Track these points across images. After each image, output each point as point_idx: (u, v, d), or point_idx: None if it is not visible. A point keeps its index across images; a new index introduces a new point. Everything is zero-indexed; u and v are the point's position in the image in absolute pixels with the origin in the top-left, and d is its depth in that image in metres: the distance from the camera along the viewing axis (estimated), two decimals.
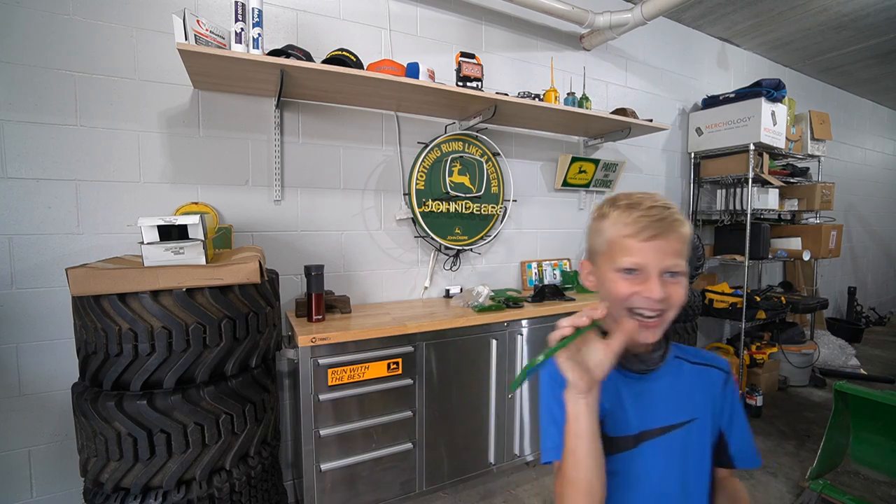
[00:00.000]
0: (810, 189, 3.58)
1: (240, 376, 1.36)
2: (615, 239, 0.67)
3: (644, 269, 0.65)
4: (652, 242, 0.64)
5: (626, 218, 0.66)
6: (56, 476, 1.64)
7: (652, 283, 0.64)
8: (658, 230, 0.64)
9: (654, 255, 0.64)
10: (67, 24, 1.57)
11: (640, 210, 0.66)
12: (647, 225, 0.64)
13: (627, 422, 0.71)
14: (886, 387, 3.28)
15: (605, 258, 0.69)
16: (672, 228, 0.64)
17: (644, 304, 0.65)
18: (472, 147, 2.35)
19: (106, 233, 1.67)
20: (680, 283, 0.66)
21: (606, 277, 0.69)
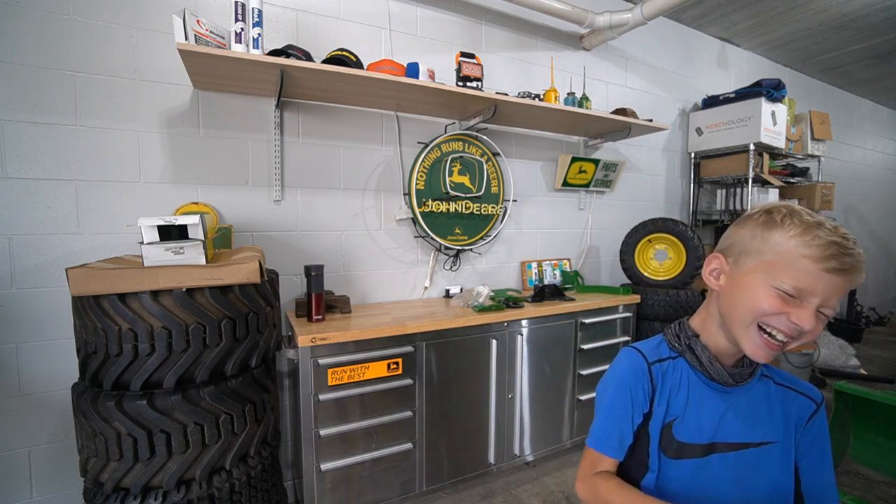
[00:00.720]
0: (810, 189, 3.58)
1: (240, 376, 1.36)
2: (789, 253, 0.60)
3: (807, 297, 0.59)
4: (832, 275, 0.58)
5: (813, 238, 0.58)
6: (56, 476, 1.64)
7: (807, 312, 0.58)
8: (845, 266, 0.57)
9: (826, 288, 0.58)
10: (67, 24, 1.57)
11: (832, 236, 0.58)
12: (837, 254, 0.57)
13: (701, 430, 0.69)
14: (886, 387, 3.28)
15: (762, 266, 0.62)
16: (857, 269, 0.58)
17: (786, 327, 0.60)
18: (472, 147, 2.35)
19: (106, 233, 1.67)
20: (826, 319, 0.61)
21: (752, 285, 0.63)
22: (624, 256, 2.71)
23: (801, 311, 0.59)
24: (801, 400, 0.72)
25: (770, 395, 0.71)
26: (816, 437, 0.71)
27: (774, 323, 0.61)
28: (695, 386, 0.71)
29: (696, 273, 2.50)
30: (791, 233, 0.61)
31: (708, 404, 0.70)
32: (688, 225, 2.64)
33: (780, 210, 0.64)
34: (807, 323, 0.58)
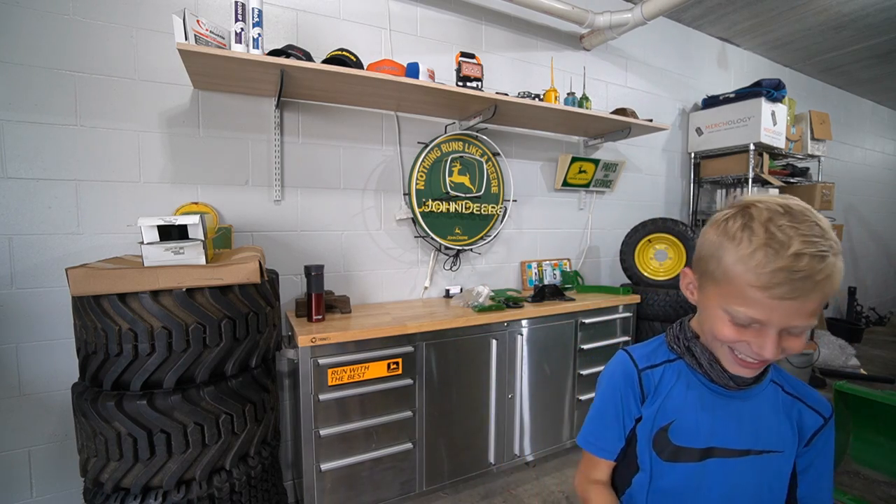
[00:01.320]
0: (810, 189, 3.58)
1: (240, 376, 1.36)
2: (737, 280, 0.54)
3: (766, 325, 0.53)
4: (785, 302, 0.51)
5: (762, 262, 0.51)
6: (56, 476, 1.64)
7: (767, 340, 0.53)
8: (799, 292, 0.50)
9: (780, 316, 0.52)
10: (67, 24, 1.57)
11: (784, 259, 0.50)
12: (785, 282, 0.50)
13: (698, 433, 0.66)
14: (886, 387, 3.28)
15: (717, 289, 0.58)
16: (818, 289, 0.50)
17: (749, 353, 0.57)
18: (472, 147, 2.35)
19: (106, 233, 1.67)
20: (802, 335, 0.54)
21: (711, 310, 0.60)
22: (624, 256, 2.71)
23: (760, 339, 0.54)
24: (810, 413, 0.68)
25: (778, 403, 0.67)
26: (820, 453, 0.67)
27: (740, 349, 0.59)
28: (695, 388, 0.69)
29: None
30: (739, 254, 0.54)
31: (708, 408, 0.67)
32: (688, 225, 2.64)
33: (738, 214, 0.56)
34: (768, 352, 0.53)
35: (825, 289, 0.50)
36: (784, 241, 0.51)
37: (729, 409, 0.67)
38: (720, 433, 0.66)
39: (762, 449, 0.66)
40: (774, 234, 0.51)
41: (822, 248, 0.50)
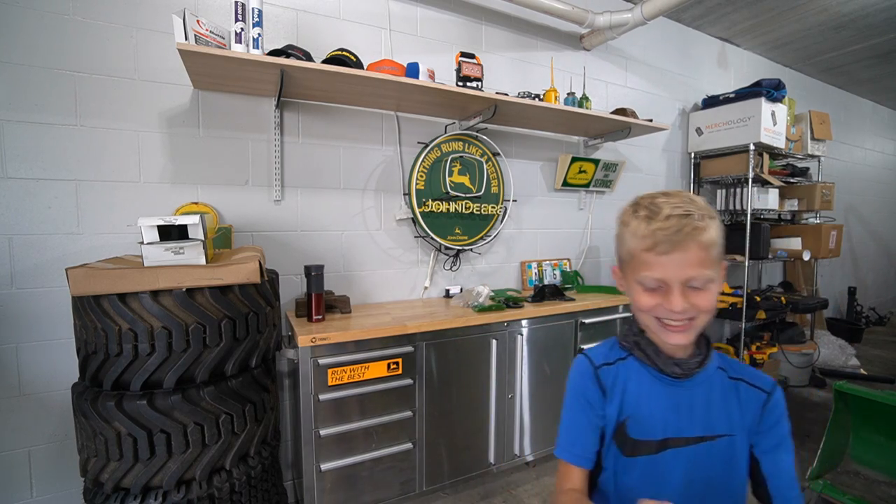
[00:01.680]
0: (810, 189, 3.58)
1: (240, 376, 1.36)
2: (635, 252, 0.65)
3: (666, 283, 0.62)
4: (669, 255, 0.61)
5: (644, 230, 0.63)
6: (56, 476, 1.64)
7: (673, 296, 0.62)
8: (675, 244, 0.60)
9: (673, 269, 0.61)
10: (67, 24, 1.57)
11: (658, 221, 0.62)
12: (663, 239, 0.61)
13: (654, 426, 0.69)
14: (886, 387, 3.28)
15: (629, 268, 0.68)
16: (691, 238, 0.60)
17: (667, 315, 0.64)
18: (472, 147, 2.35)
19: (106, 233, 1.67)
20: (708, 290, 0.62)
21: (631, 288, 0.68)
22: None
23: (669, 297, 0.62)
24: (752, 391, 0.71)
25: (725, 388, 0.71)
26: (773, 427, 0.69)
27: (660, 314, 0.65)
28: (646, 382, 0.71)
29: None
30: (631, 231, 0.66)
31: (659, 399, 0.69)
32: None
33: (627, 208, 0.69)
34: (676, 305, 0.61)
35: (698, 238, 0.60)
36: (657, 210, 0.63)
37: (680, 399, 0.69)
38: (674, 423, 0.69)
39: (715, 434, 0.69)
40: (651, 208, 0.64)
41: (687, 210, 0.62)
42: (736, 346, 3.18)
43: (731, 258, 3.32)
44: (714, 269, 0.63)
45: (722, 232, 0.65)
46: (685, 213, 0.62)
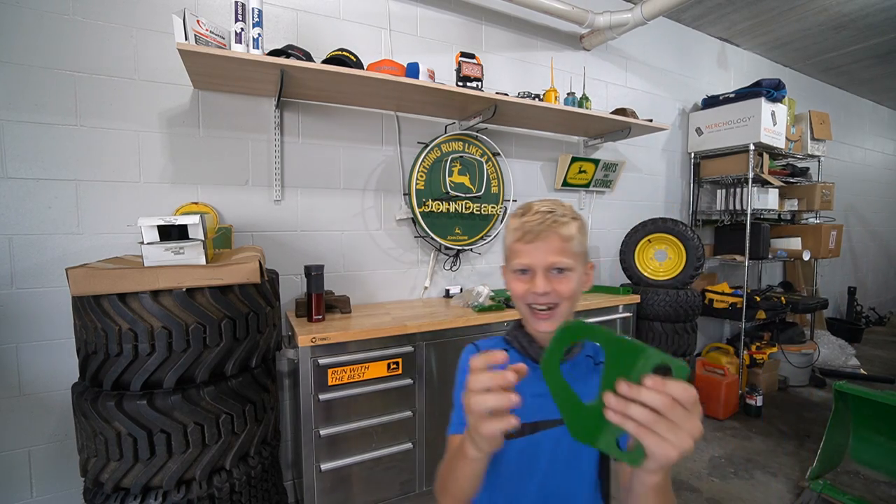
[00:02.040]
0: (810, 189, 3.58)
1: (240, 376, 1.36)
2: (509, 244, 0.77)
3: (531, 268, 0.72)
4: (533, 244, 0.72)
5: (514, 224, 0.75)
6: (56, 476, 1.64)
7: (537, 279, 0.72)
8: (537, 234, 0.71)
9: (536, 255, 0.72)
10: (67, 24, 1.57)
11: (527, 216, 0.73)
12: (529, 230, 0.72)
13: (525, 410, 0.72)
14: (886, 387, 3.28)
15: (507, 261, 0.79)
16: (551, 230, 0.71)
17: (533, 299, 0.73)
18: (472, 147, 2.35)
19: (106, 233, 1.67)
20: (567, 277, 0.73)
21: (509, 279, 0.78)
22: (624, 256, 2.71)
23: (535, 280, 0.72)
24: None
25: (589, 371, 0.79)
26: None
27: (529, 299, 0.74)
28: None
29: (696, 273, 2.50)
30: (507, 229, 0.78)
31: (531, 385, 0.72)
32: (688, 225, 2.64)
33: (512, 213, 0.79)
34: (539, 287, 0.71)
35: (558, 231, 0.71)
36: (528, 208, 0.75)
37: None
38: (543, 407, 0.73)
39: None
40: (525, 208, 0.76)
41: (552, 209, 0.73)
42: (736, 346, 3.18)
43: (730, 258, 3.32)
44: (573, 260, 0.73)
45: (583, 232, 0.76)
46: (549, 210, 0.73)
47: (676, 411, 0.42)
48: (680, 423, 0.41)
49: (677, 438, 0.41)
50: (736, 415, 2.92)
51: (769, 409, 2.99)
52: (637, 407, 0.42)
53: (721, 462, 2.36)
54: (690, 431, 0.42)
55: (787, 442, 2.56)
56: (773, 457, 2.40)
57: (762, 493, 2.08)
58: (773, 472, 2.26)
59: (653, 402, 0.42)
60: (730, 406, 2.87)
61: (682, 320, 2.44)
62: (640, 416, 0.42)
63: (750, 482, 2.17)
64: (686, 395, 0.42)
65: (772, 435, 2.65)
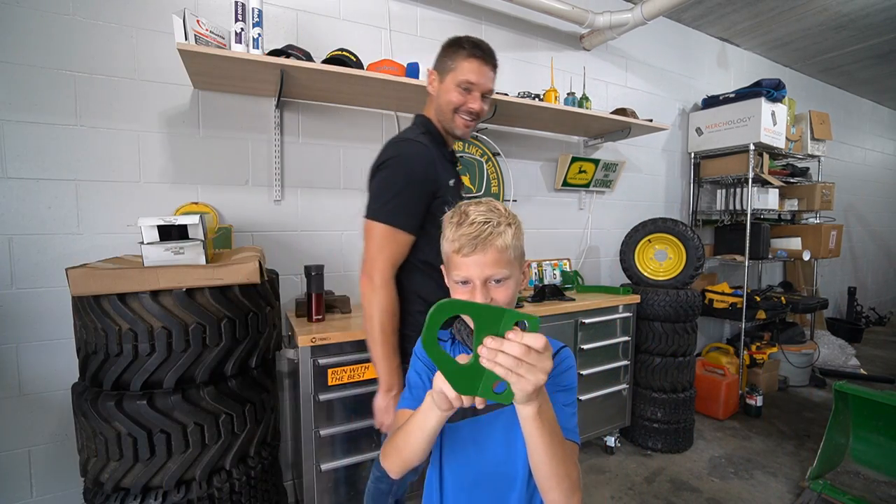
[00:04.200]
0: (810, 189, 3.58)
1: (240, 376, 1.36)
2: (447, 254, 0.77)
3: (470, 280, 0.73)
4: (471, 258, 0.72)
5: (452, 235, 0.74)
6: (56, 476, 1.64)
7: (476, 292, 0.72)
8: (474, 247, 0.71)
9: (474, 269, 0.72)
10: (67, 24, 1.57)
11: (462, 228, 0.73)
12: (466, 243, 0.71)
13: None
14: (886, 387, 3.28)
15: (447, 268, 0.79)
16: (487, 243, 0.71)
17: None
18: (472, 147, 2.35)
19: (106, 233, 1.67)
20: (505, 286, 0.73)
21: (451, 286, 0.78)
22: (624, 256, 2.71)
23: (473, 293, 0.73)
24: None
25: None
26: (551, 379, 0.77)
27: None
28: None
29: (696, 273, 2.50)
30: (445, 237, 0.76)
31: None
32: (688, 225, 2.64)
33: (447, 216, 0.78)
34: (478, 299, 0.71)
35: (495, 242, 0.71)
36: (464, 217, 0.74)
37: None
38: None
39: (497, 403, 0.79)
40: (460, 214, 0.75)
41: (488, 218, 0.72)
42: (736, 346, 3.18)
43: (731, 258, 3.32)
44: (510, 268, 0.73)
45: (519, 236, 0.76)
46: (486, 220, 0.72)
47: (531, 355, 0.53)
48: (535, 364, 0.53)
49: (534, 376, 0.53)
50: (736, 415, 2.92)
51: (769, 409, 2.99)
52: (502, 355, 0.53)
53: (721, 462, 2.36)
54: (543, 369, 0.53)
55: (787, 442, 2.56)
56: (773, 457, 2.40)
57: (762, 493, 2.08)
58: (773, 472, 2.26)
59: (513, 350, 0.53)
60: (730, 406, 2.87)
61: (682, 320, 2.44)
62: (504, 362, 0.53)
63: (750, 482, 2.17)
64: (537, 342, 0.53)
65: (772, 435, 2.65)
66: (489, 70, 1.23)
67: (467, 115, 1.25)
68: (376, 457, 1.69)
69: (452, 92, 1.23)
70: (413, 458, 0.70)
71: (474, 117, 1.26)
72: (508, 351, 0.53)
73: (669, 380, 2.43)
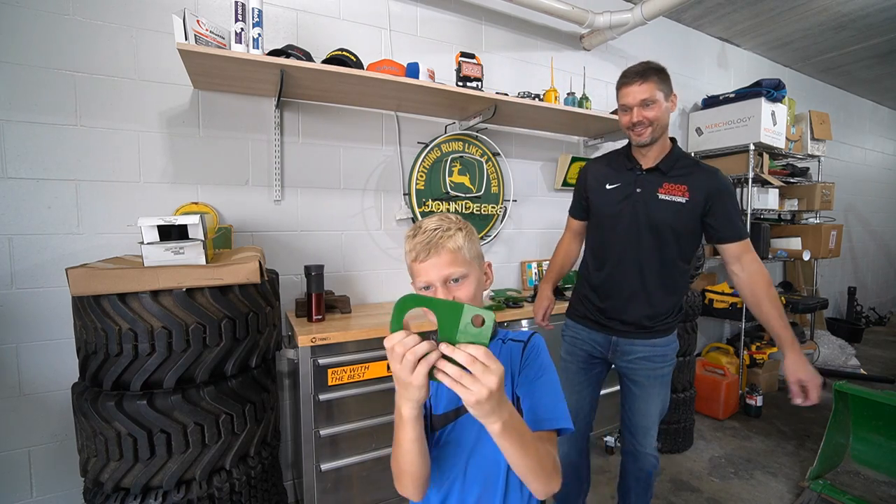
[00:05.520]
0: (810, 189, 3.58)
1: (240, 376, 1.36)
2: (409, 265, 0.83)
3: (431, 283, 0.78)
4: (427, 262, 0.78)
5: (408, 246, 0.81)
6: (56, 476, 1.64)
7: (438, 293, 0.77)
8: (427, 251, 0.77)
9: (432, 271, 0.77)
10: (68, 24, 1.57)
11: (417, 237, 0.79)
12: (421, 249, 0.78)
13: (451, 399, 0.81)
14: (886, 387, 3.28)
15: (412, 281, 0.84)
16: (440, 246, 0.77)
17: None
18: (472, 147, 2.35)
19: (106, 233, 1.67)
20: (464, 284, 0.78)
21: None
22: None
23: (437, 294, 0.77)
24: (514, 344, 0.83)
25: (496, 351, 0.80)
26: (529, 365, 0.80)
27: None
28: None
29: (695, 273, 2.50)
30: (405, 251, 0.83)
31: None
32: None
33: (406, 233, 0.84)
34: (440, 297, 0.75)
35: (447, 244, 0.77)
36: (418, 229, 0.81)
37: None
38: None
39: None
40: (415, 228, 0.83)
41: (438, 225, 0.80)
42: (736, 347, 3.18)
43: None
44: (467, 267, 0.78)
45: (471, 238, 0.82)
46: (436, 227, 0.79)
47: (476, 366, 0.54)
48: (479, 377, 0.54)
49: (476, 388, 0.54)
50: (736, 415, 2.92)
51: (769, 409, 2.99)
52: (450, 364, 0.55)
53: (721, 462, 2.36)
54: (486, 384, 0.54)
55: (787, 442, 2.56)
56: (773, 457, 2.40)
57: (762, 493, 2.08)
58: (773, 472, 2.26)
59: (460, 358, 0.55)
60: (730, 406, 2.87)
61: (683, 320, 2.44)
62: (451, 371, 0.55)
63: (750, 482, 2.17)
64: (482, 354, 0.55)
65: (772, 435, 2.65)
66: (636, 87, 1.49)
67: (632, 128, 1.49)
68: (376, 457, 1.69)
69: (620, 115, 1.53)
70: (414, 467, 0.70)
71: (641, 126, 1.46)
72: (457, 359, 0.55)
73: None
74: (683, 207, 1.38)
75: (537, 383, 0.79)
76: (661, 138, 1.46)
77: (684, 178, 1.41)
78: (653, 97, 1.43)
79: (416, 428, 0.67)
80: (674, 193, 1.40)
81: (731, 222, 1.39)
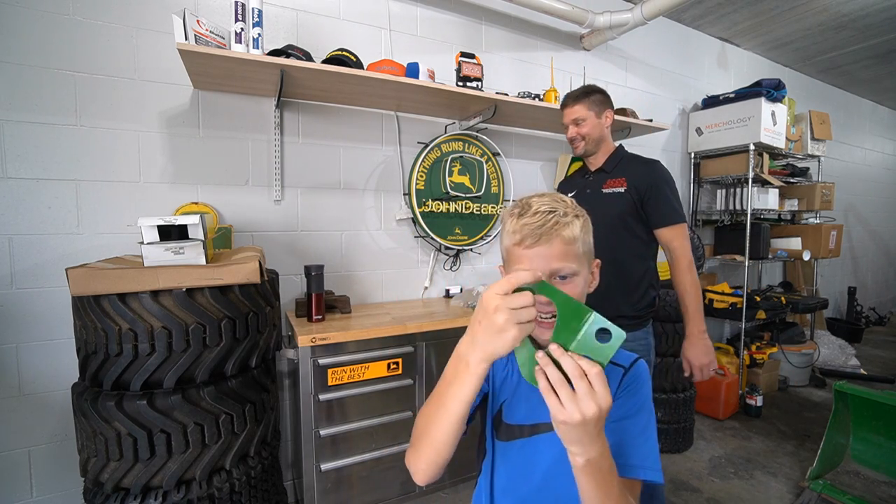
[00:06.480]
0: (810, 189, 3.58)
1: (240, 376, 1.36)
2: (508, 248, 0.70)
3: None
4: (534, 249, 0.65)
5: (514, 226, 0.68)
6: (56, 476, 1.64)
7: None
8: (538, 237, 0.65)
9: (538, 262, 0.65)
10: (67, 24, 1.57)
11: (525, 217, 0.66)
12: (529, 233, 0.65)
13: (529, 412, 0.73)
14: (886, 387, 3.28)
15: (507, 265, 0.72)
16: (552, 233, 0.65)
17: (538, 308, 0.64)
18: (472, 147, 2.35)
19: (106, 233, 1.67)
20: (572, 283, 0.67)
21: None
22: None
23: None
24: (615, 369, 0.73)
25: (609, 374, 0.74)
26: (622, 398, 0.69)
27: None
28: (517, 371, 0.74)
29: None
30: (505, 230, 0.70)
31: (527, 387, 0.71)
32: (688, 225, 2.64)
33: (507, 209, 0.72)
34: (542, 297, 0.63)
35: (560, 233, 0.65)
36: (526, 208, 0.68)
37: None
38: (540, 409, 0.70)
39: None
40: (522, 206, 0.69)
41: (553, 208, 0.66)
42: (736, 346, 3.18)
43: (730, 258, 3.32)
44: (578, 264, 0.66)
45: (587, 230, 0.69)
46: (551, 210, 0.66)
47: (581, 383, 0.47)
48: (580, 396, 0.47)
49: (570, 408, 0.47)
50: (736, 415, 2.92)
51: (769, 409, 2.99)
52: (552, 368, 0.49)
53: (721, 462, 2.36)
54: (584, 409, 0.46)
55: (787, 442, 2.56)
56: (773, 457, 2.40)
57: (762, 493, 2.08)
58: (773, 472, 2.26)
59: (567, 366, 0.48)
60: (730, 406, 2.87)
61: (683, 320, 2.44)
62: (551, 375, 0.49)
63: (750, 482, 2.17)
64: (595, 374, 0.47)
65: (772, 435, 2.65)
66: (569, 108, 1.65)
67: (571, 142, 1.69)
68: (376, 457, 1.69)
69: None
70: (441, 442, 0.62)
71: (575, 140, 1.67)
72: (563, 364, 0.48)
73: (669, 380, 2.43)
74: (622, 197, 1.56)
75: (632, 421, 0.67)
76: (603, 147, 1.65)
77: (624, 172, 1.60)
78: (583, 116, 1.61)
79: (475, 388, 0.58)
80: (614, 186, 1.59)
81: (663, 209, 1.53)
